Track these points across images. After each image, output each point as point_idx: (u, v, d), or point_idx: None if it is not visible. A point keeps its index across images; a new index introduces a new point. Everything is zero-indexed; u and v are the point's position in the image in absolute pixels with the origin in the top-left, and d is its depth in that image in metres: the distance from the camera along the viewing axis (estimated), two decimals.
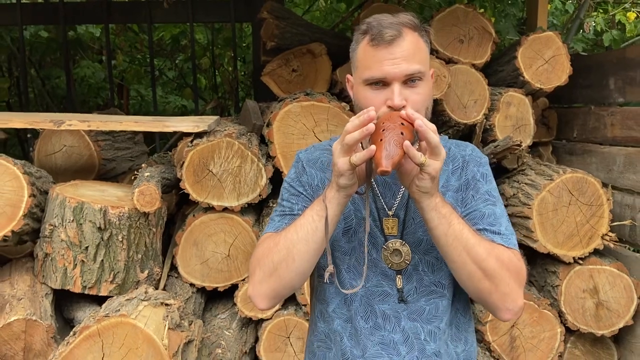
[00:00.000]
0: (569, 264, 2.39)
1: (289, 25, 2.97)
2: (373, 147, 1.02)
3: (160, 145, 3.77)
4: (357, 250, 1.23)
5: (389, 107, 1.14)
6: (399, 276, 1.21)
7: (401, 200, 1.23)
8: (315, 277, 1.31)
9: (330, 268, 1.14)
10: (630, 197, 2.51)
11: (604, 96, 2.78)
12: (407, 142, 1.01)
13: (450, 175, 1.24)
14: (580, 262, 2.39)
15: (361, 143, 1.09)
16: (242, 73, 5.19)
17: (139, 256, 2.22)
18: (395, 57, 1.13)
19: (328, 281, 1.22)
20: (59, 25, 3.73)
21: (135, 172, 2.37)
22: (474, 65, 2.60)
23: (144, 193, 2.11)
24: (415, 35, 1.17)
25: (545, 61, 2.65)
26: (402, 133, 1.04)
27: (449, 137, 1.36)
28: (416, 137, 1.07)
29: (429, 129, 1.03)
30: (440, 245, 1.11)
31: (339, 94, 2.91)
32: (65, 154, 2.85)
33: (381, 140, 1.03)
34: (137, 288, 2.21)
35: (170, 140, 3.62)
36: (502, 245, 1.14)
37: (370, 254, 1.21)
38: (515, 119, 2.62)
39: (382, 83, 1.14)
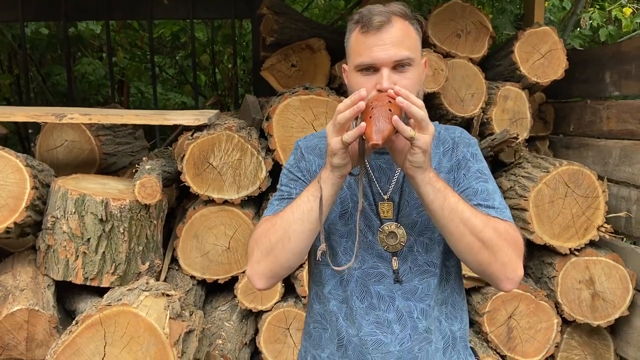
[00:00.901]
0: (565, 255, 2.41)
1: (288, 20, 3.00)
2: (363, 124, 1.05)
3: (160, 140, 3.80)
4: (353, 233, 1.26)
5: (379, 90, 1.18)
6: (394, 258, 1.24)
7: (396, 185, 1.27)
8: (312, 260, 1.34)
9: (323, 246, 1.17)
10: (626, 190, 2.54)
11: (600, 90, 2.80)
12: (395, 117, 1.05)
13: (441, 157, 1.27)
14: (576, 253, 2.42)
15: (354, 123, 1.12)
16: (242, 70, 5.21)
17: (140, 248, 2.24)
18: (384, 43, 1.17)
19: (321, 259, 1.25)
20: (59, 21, 3.76)
21: (136, 166, 2.40)
22: (471, 60, 2.63)
23: (145, 185, 2.14)
24: (405, 23, 1.21)
25: (542, 55, 2.67)
26: (390, 110, 1.08)
27: None
28: (405, 115, 1.10)
29: (413, 104, 1.07)
30: (437, 219, 1.14)
31: (338, 88, 2.94)
32: (66, 149, 2.87)
33: (371, 117, 1.07)
34: (138, 279, 2.23)
35: (171, 136, 3.66)
36: (498, 217, 1.17)
37: (367, 237, 1.24)
38: (513, 113, 2.65)
39: (372, 69, 1.18)
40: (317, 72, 2.98)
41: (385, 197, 1.27)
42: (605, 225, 2.37)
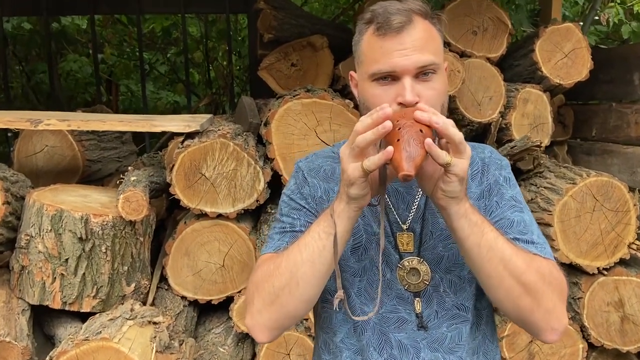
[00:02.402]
0: (593, 274, 2.25)
1: (287, 16, 2.84)
2: (390, 148, 0.88)
3: (150, 144, 3.62)
4: (368, 271, 1.09)
5: (400, 104, 1.01)
6: (417, 299, 1.07)
7: (416, 212, 1.10)
8: (319, 303, 1.17)
9: (340, 293, 1.00)
10: None
11: (627, 92, 2.64)
12: (429, 140, 0.88)
13: (469, 182, 1.10)
14: (605, 272, 2.26)
15: (376, 146, 0.95)
16: (238, 67, 5.04)
17: (125, 268, 2.08)
18: (405, 47, 1.01)
19: (338, 308, 1.08)
20: (41, 16, 3.57)
21: (122, 176, 2.22)
22: (488, 59, 2.46)
23: (130, 200, 1.96)
24: (426, 23, 1.04)
25: (565, 55, 2.51)
26: (421, 130, 0.91)
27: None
28: (435, 134, 0.94)
29: (448, 124, 0.90)
30: (472, 259, 0.97)
31: (342, 90, 2.78)
32: (46, 155, 2.70)
33: (398, 140, 0.90)
34: (122, 303, 2.07)
35: (161, 139, 3.48)
36: (539, 255, 1.01)
37: (384, 274, 1.07)
38: (533, 117, 2.48)
39: (391, 77, 1.02)
40: (319, 72, 2.81)
41: (405, 226, 1.10)
42: (637, 242, 2.21)
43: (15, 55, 4.45)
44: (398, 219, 1.09)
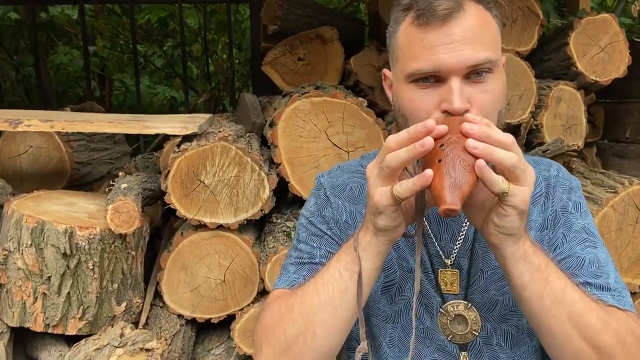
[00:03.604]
0: (634, 293, 2.08)
1: (293, 5, 2.67)
2: (429, 172, 0.70)
3: (145, 144, 3.45)
4: (403, 316, 0.91)
5: (445, 112, 0.83)
6: (463, 353, 0.90)
7: (463, 244, 0.92)
8: (343, 351, 0.99)
9: (364, 346, 0.82)
10: None
11: None
12: (480, 162, 0.70)
13: (530, 208, 0.92)
14: None
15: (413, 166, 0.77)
16: (238, 61, 4.86)
17: (115, 286, 1.91)
18: (453, 40, 0.83)
19: None
20: (28, 5, 3.39)
21: (111, 182, 2.05)
22: (518, 53, 2.28)
23: (120, 211, 1.79)
24: (480, 8, 0.86)
25: (601, 49, 2.33)
26: None
27: None
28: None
29: (505, 143, 0.72)
30: (531, 312, 0.79)
31: (354, 86, 2.61)
32: (31, 157, 2.54)
33: (440, 161, 0.72)
34: (112, 325, 1.90)
35: (156, 139, 3.31)
36: (616, 307, 0.83)
37: (422, 322, 0.90)
38: (566, 118, 2.30)
39: (434, 78, 0.85)
40: (329, 67, 2.64)
41: (449, 262, 0.92)
42: None
43: (3, 47, 4.27)
44: (440, 252, 0.91)
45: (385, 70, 0.99)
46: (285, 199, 2.36)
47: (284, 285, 0.93)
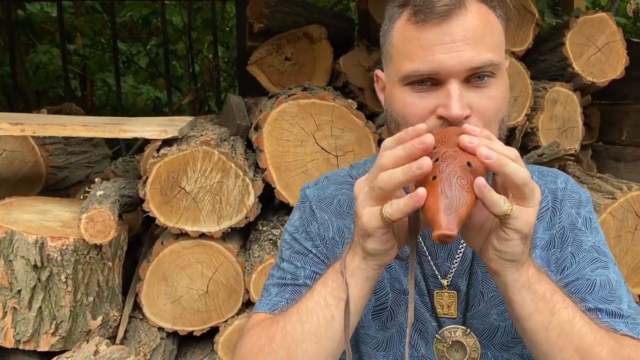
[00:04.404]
0: None
1: (280, 3, 2.59)
2: (422, 191, 0.63)
3: (126, 147, 3.35)
4: (395, 343, 0.84)
5: (442, 118, 0.76)
6: None
7: (461, 263, 0.85)
8: None
9: None
10: None
11: None
12: (480, 181, 0.63)
13: (535, 224, 0.84)
14: None
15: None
16: (225, 60, 4.77)
17: (90, 299, 1.82)
18: (453, 40, 0.77)
19: None
20: (2, 2, 3.28)
21: (87, 189, 1.96)
22: (513, 54, 2.21)
23: (95, 220, 1.71)
24: (482, 7, 0.80)
25: (598, 49, 2.28)
26: (468, 164, 0.65)
27: None
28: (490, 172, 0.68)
29: (508, 158, 0.65)
30: (536, 344, 0.72)
31: (343, 87, 2.54)
32: (5, 160, 2.44)
33: (434, 178, 0.64)
34: (87, 340, 1.82)
35: (139, 141, 3.21)
36: (629, 336, 0.76)
37: (417, 349, 0.83)
38: (562, 121, 2.25)
39: (431, 81, 0.78)
40: (317, 67, 2.57)
41: (445, 282, 0.85)
42: None
43: None
44: (436, 272, 0.84)
45: (378, 71, 0.92)
46: (272, 205, 2.29)
47: (265, 310, 0.85)
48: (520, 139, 2.19)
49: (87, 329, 1.84)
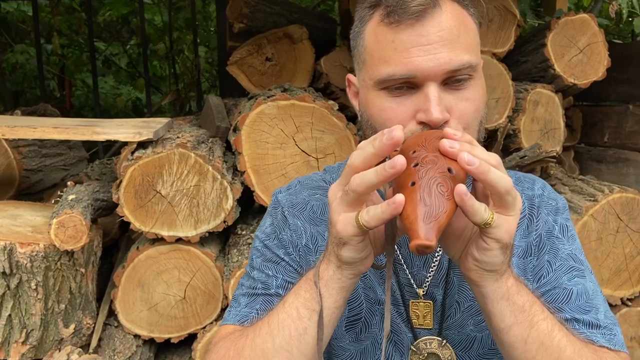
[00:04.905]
0: (615, 305, 2.02)
1: (261, 2, 2.56)
2: (400, 197, 0.60)
3: (103, 149, 3.28)
4: (369, 356, 0.81)
5: (422, 123, 0.74)
6: None
7: (437, 271, 0.83)
8: None
9: None
10: None
11: None
12: (461, 188, 0.60)
13: None
14: (629, 303, 2.03)
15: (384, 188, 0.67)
16: (209, 60, 4.71)
17: (62, 307, 1.77)
18: (429, 41, 0.74)
19: None
20: None
21: (59, 192, 1.90)
22: (494, 55, 2.20)
23: (65, 225, 1.66)
24: (456, 7, 0.77)
25: (580, 50, 2.27)
26: (449, 170, 0.62)
27: None
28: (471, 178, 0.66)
29: (489, 164, 0.62)
30: (513, 357, 0.70)
31: (324, 89, 2.51)
32: None
33: (413, 184, 0.61)
34: (59, 349, 1.77)
35: (117, 143, 3.15)
36: (606, 347, 0.74)
37: None
38: (544, 122, 2.25)
39: (408, 85, 0.75)
40: (298, 68, 2.54)
41: (421, 291, 0.82)
42: None
43: None
44: (412, 281, 0.81)
45: (350, 76, 0.89)
46: (252, 209, 2.25)
47: (234, 321, 0.82)
48: (502, 140, 2.18)
49: (59, 337, 1.79)
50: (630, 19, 3.29)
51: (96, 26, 4.33)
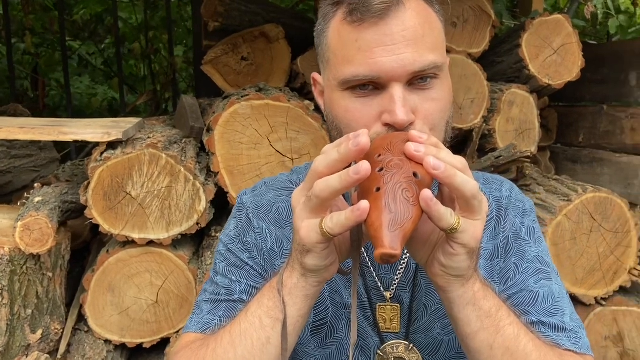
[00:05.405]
0: (589, 305, 2.04)
1: (236, 1, 2.52)
2: (364, 204, 0.58)
3: (76, 150, 3.21)
4: None
5: (387, 125, 0.72)
6: None
7: (405, 274, 0.81)
8: None
9: None
10: None
11: (621, 94, 2.45)
12: (426, 194, 0.58)
13: None
14: (603, 302, 2.05)
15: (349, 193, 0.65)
16: (188, 59, 4.65)
17: (28, 312, 1.73)
18: (393, 40, 0.72)
19: None
20: None
21: (26, 195, 1.85)
22: (469, 55, 2.20)
23: (31, 228, 1.61)
24: (420, 4, 0.75)
25: (554, 51, 2.29)
26: (414, 174, 0.61)
27: None
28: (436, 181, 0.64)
29: (456, 168, 0.61)
30: None
31: (301, 89, 2.48)
32: None
33: (379, 189, 0.60)
34: (26, 356, 1.72)
35: (90, 144, 3.08)
36: (572, 351, 0.73)
37: None
38: (519, 122, 2.25)
39: (372, 85, 0.74)
40: (275, 68, 2.51)
41: (388, 294, 0.81)
42: (638, 267, 2.00)
43: None
44: (379, 284, 0.80)
45: (315, 75, 0.86)
46: (226, 210, 2.21)
47: (196, 329, 0.79)
48: (478, 141, 2.18)
49: (25, 343, 1.74)
50: (606, 20, 3.33)
51: (73, 25, 4.25)
